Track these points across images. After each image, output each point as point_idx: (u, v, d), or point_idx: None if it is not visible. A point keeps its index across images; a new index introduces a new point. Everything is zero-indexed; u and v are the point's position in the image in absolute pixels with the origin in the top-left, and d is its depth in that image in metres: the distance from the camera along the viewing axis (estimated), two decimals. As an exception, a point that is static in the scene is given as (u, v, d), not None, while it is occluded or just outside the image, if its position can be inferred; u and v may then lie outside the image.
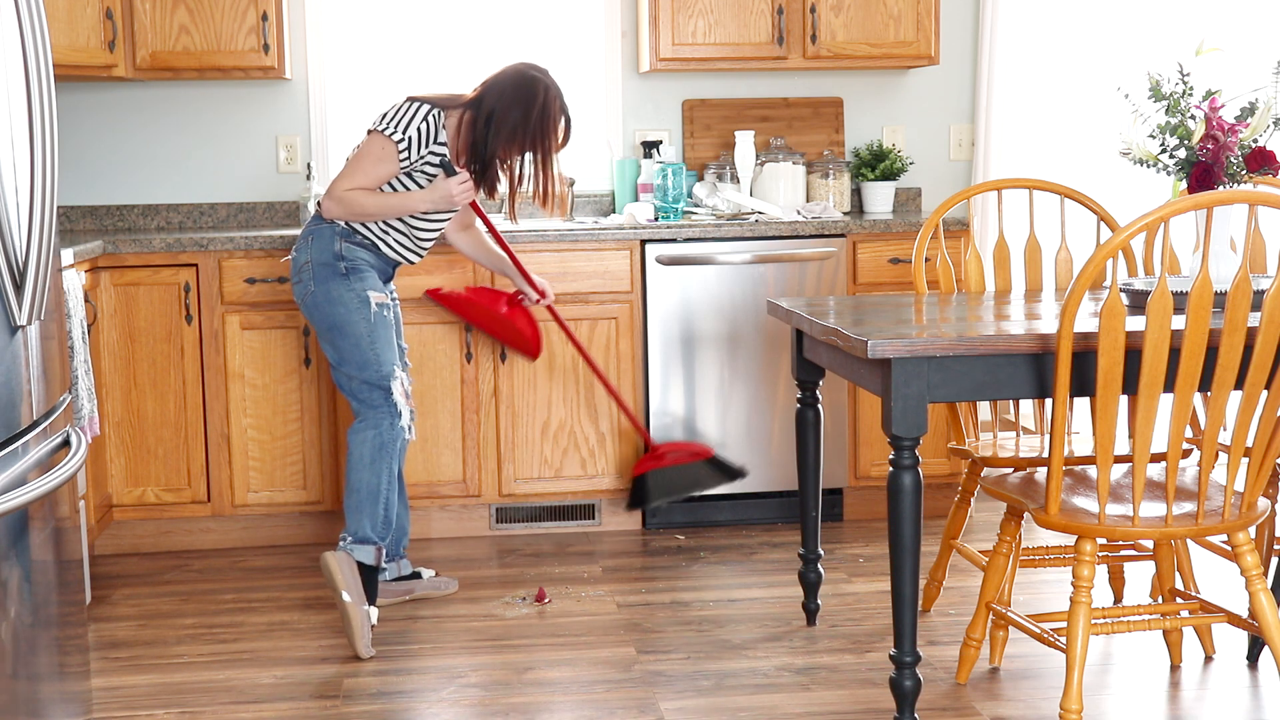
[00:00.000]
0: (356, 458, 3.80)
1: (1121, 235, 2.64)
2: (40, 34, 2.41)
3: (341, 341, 3.81)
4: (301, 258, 3.85)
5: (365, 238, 3.85)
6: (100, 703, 3.33)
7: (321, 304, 3.82)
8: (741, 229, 4.61)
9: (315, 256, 3.82)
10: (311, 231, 3.86)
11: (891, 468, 2.89)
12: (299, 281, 3.85)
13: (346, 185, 3.78)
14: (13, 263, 2.42)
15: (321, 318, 3.83)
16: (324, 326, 3.83)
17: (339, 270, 3.81)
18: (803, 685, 3.35)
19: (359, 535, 3.76)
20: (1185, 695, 3.26)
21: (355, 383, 3.83)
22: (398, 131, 3.75)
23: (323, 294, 3.82)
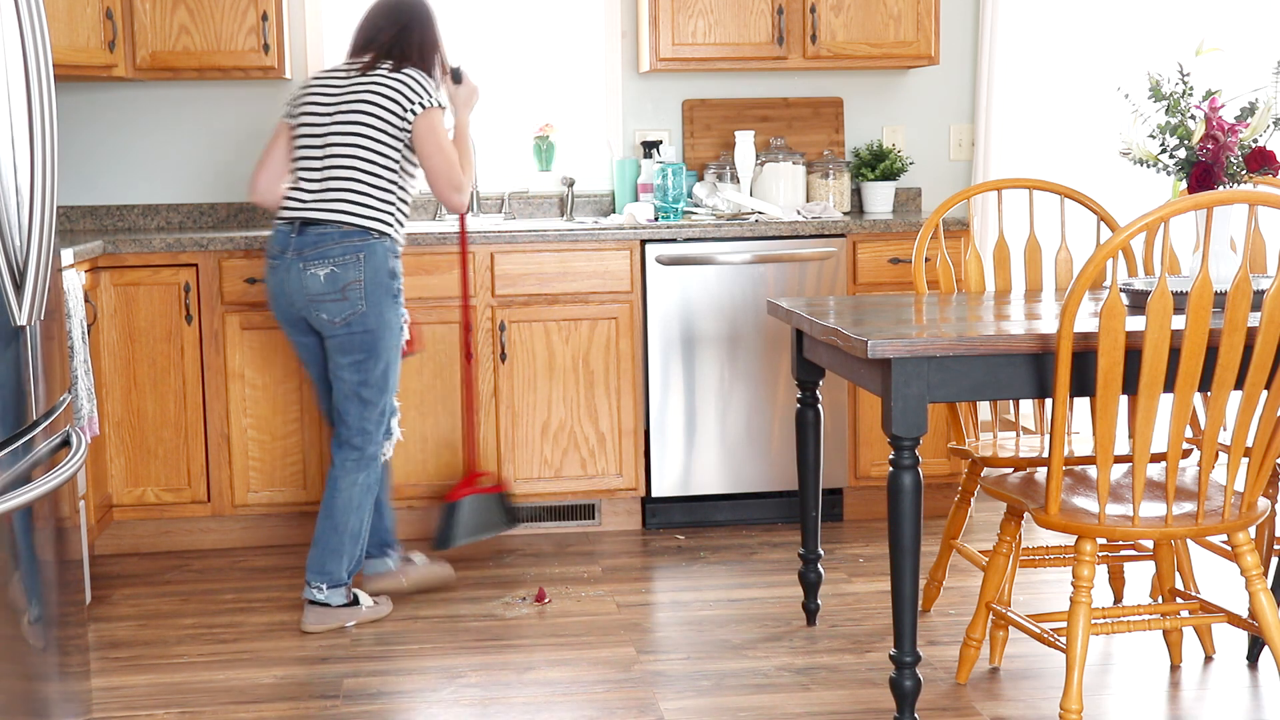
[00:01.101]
0: (345, 501, 3.79)
1: (1121, 235, 2.64)
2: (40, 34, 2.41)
3: (374, 366, 3.75)
4: (349, 275, 3.67)
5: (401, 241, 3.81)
6: (100, 703, 3.33)
7: (372, 327, 3.71)
8: (741, 229, 4.62)
9: (370, 275, 3.69)
10: (361, 248, 3.68)
11: (891, 468, 2.89)
12: (343, 300, 3.68)
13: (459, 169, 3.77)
14: (13, 263, 2.42)
15: (366, 341, 3.72)
16: (364, 351, 3.73)
17: (393, 291, 3.74)
18: (803, 685, 3.35)
19: (335, 580, 3.80)
20: (1185, 695, 3.26)
21: (369, 409, 3.78)
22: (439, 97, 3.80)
23: (375, 317, 3.72)
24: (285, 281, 3.75)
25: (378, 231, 3.73)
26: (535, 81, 5.19)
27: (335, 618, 3.80)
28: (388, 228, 3.75)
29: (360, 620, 3.83)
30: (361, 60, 3.81)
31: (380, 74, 3.76)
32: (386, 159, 3.75)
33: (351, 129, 3.74)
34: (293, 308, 3.77)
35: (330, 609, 3.80)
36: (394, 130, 3.74)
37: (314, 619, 3.79)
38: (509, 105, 5.19)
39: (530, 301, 4.57)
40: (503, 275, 4.54)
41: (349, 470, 3.80)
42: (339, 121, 3.75)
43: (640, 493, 4.68)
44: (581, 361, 4.59)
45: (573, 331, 4.59)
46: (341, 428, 3.81)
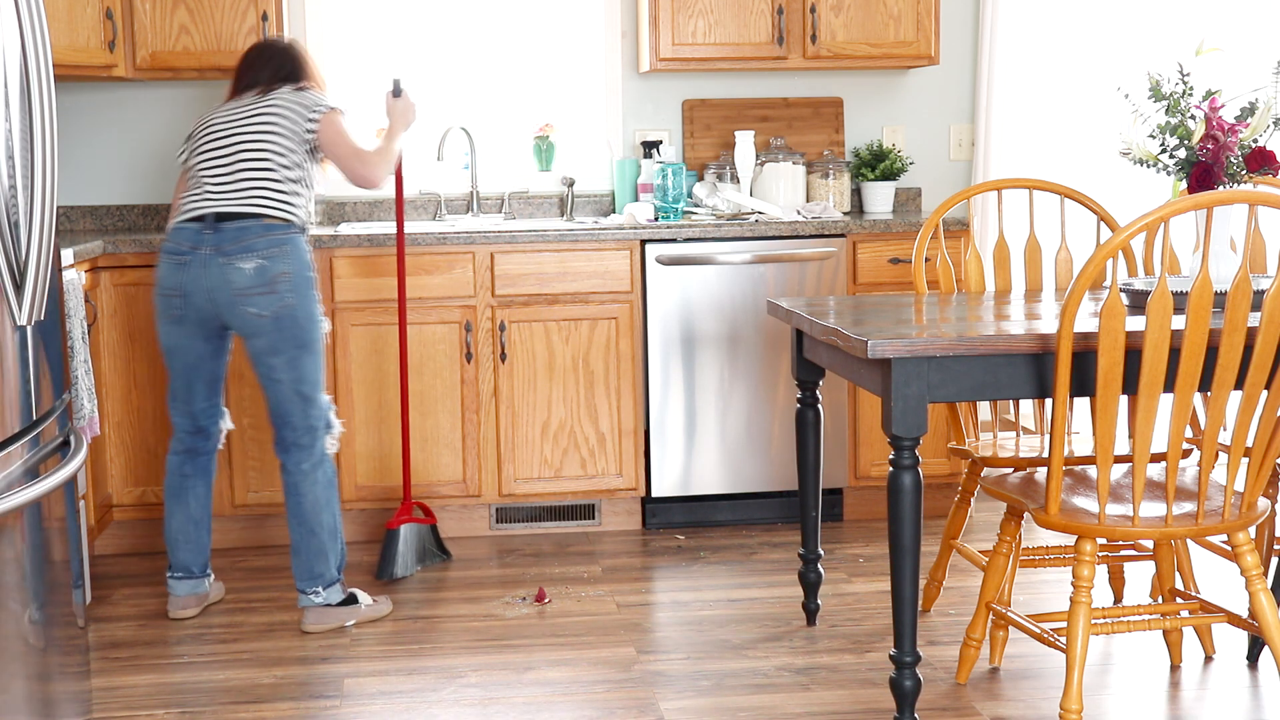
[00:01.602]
0: (312, 503, 3.78)
1: (1121, 235, 2.64)
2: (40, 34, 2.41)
3: (308, 360, 3.74)
4: (276, 268, 3.66)
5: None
6: (100, 703, 3.33)
7: (302, 320, 3.70)
8: (741, 229, 4.62)
9: (296, 268, 3.69)
10: (285, 240, 3.69)
11: (891, 468, 2.89)
12: (272, 293, 3.65)
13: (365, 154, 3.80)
14: (13, 263, 2.42)
15: (298, 334, 3.70)
16: (296, 344, 3.71)
17: (314, 282, 3.75)
18: (803, 685, 3.35)
19: (328, 580, 3.80)
20: (1185, 695, 3.26)
21: (311, 405, 3.76)
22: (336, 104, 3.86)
23: (304, 311, 3.71)
24: (201, 278, 3.68)
25: (298, 225, 3.76)
26: (535, 81, 5.19)
27: (335, 617, 3.81)
28: (304, 222, 3.79)
29: (360, 619, 3.84)
30: (253, 93, 3.86)
31: (280, 92, 3.83)
32: (293, 162, 3.77)
33: (258, 136, 3.75)
34: (211, 305, 3.70)
35: (330, 608, 3.80)
36: (298, 137, 3.77)
37: (313, 619, 3.80)
38: (509, 105, 5.19)
39: (530, 301, 4.58)
40: (503, 275, 4.54)
41: (306, 472, 3.78)
42: (244, 132, 3.76)
43: (640, 493, 4.68)
44: (581, 361, 4.60)
45: (573, 331, 4.59)
46: (286, 430, 3.77)
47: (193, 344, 3.79)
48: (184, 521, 3.92)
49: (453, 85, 5.15)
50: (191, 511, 3.92)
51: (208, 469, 3.95)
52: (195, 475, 3.92)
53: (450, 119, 5.12)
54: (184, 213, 3.75)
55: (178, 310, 3.73)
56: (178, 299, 3.72)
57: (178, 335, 3.77)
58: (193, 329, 3.76)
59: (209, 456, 3.94)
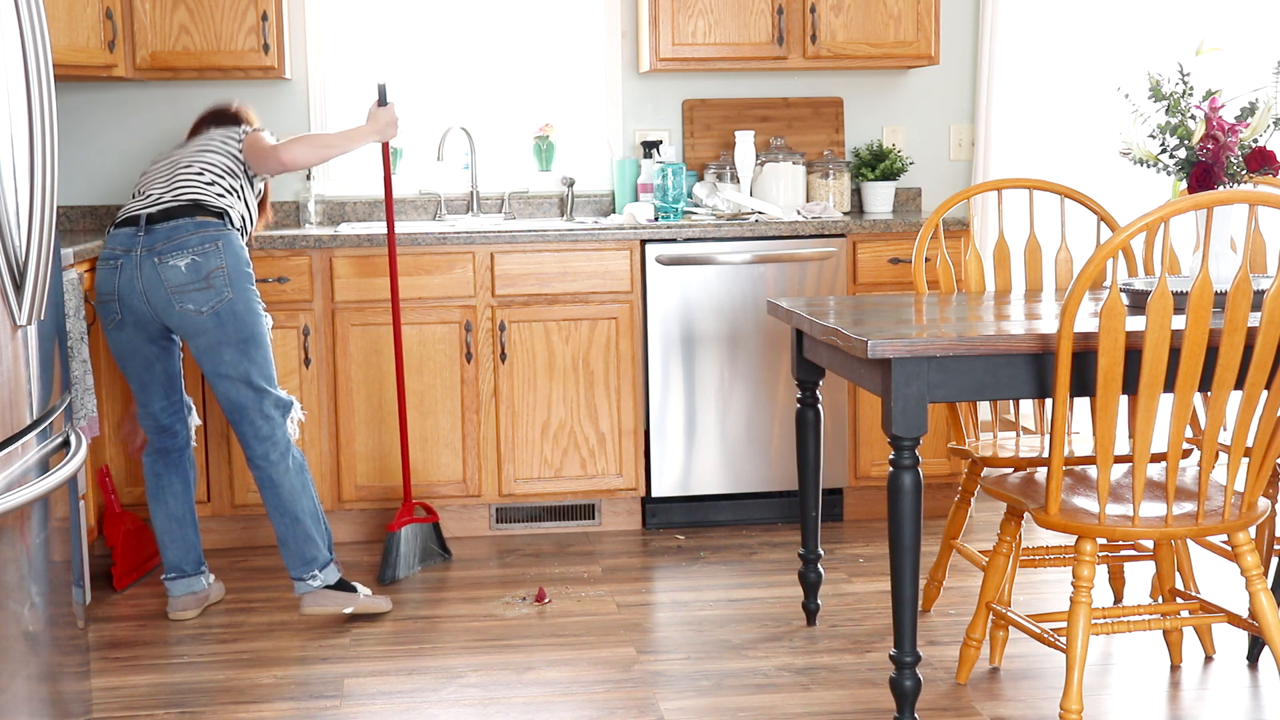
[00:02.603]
0: (288, 489, 3.78)
1: (1121, 235, 2.64)
2: (40, 34, 2.41)
3: (256, 352, 3.75)
4: (211, 263, 3.68)
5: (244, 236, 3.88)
6: (100, 703, 3.33)
7: (241, 313, 3.71)
8: (741, 229, 4.62)
9: (232, 262, 3.71)
10: (219, 236, 3.71)
11: (891, 468, 2.89)
12: (208, 288, 3.67)
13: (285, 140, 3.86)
14: (13, 263, 2.42)
15: (240, 328, 3.71)
16: (240, 338, 3.71)
17: (251, 277, 3.77)
18: (803, 685, 3.35)
19: (321, 561, 3.81)
20: (1185, 695, 3.26)
21: (265, 396, 3.76)
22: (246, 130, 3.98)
23: (243, 303, 3.72)
24: (136, 280, 3.71)
25: (230, 220, 3.78)
26: (535, 81, 5.19)
27: (333, 600, 3.80)
28: (239, 217, 3.83)
29: (359, 608, 3.82)
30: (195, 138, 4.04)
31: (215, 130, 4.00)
32: (229, 170, 3.87)
33: (194, 156, 3.88)
34: (147, 307, 3.72)
35: (328, 591, 3.80)
36: (231, 157, 3.90)
37: (311, 602, 3.80)
38: (509, 105, 5.19)
39: (530, 301, 4.58)
40: (503, 275, 4.54)
41: (275, 462, 3.78)
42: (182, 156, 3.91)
43: (640, 493, 4.68)
44: (581, 361, 4.60)
45: (573, 331, 4.59)
46: (245, 425, 3.77)
47: (139, 347, 3.82)
48: (166, 520, 3.94)
49: (453, 85, 5.15)
50: (172, 510, 3.94)
51: (180, 465, 3.96)
52: (168, 473, 3.95)
53: (450, 119, 5.12)
54: (118, 218, 3.81)
55: (116, 315, 3.78)
56: (114, 304, 3.76)
57: (122, 341, 3.81)
58: (134, 332, 3.79)
59: (179, 453, 3.97)
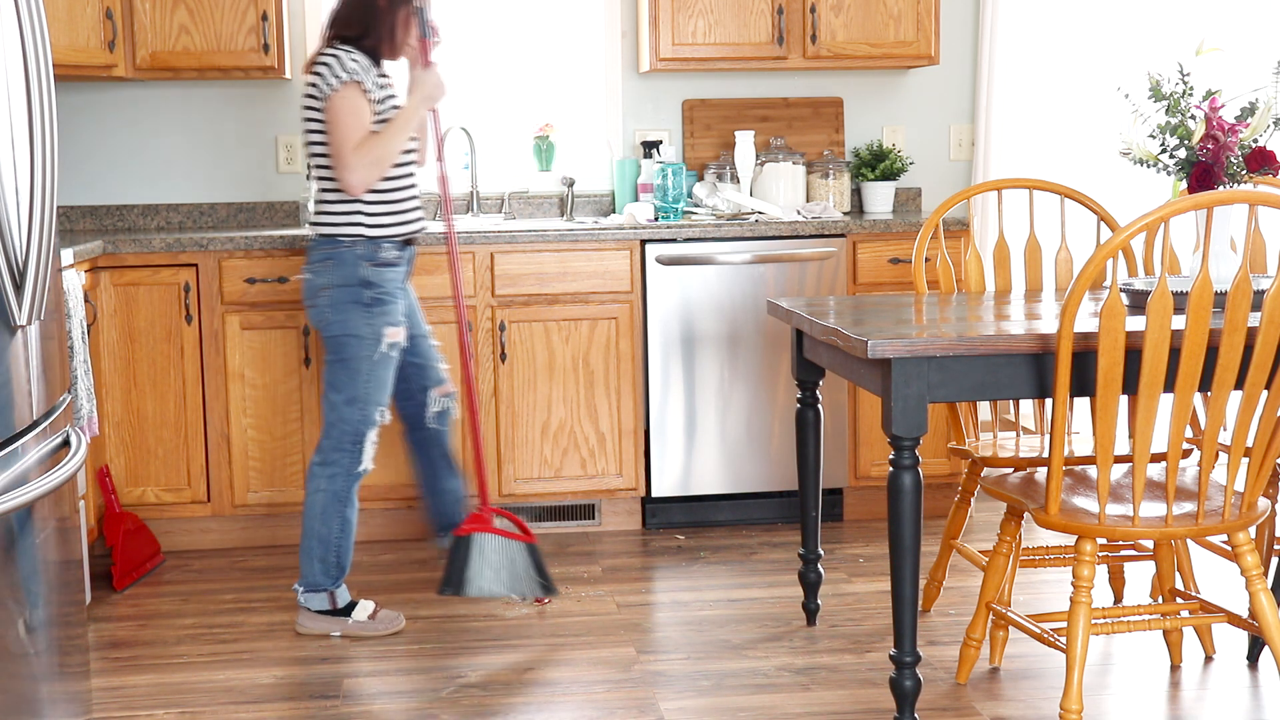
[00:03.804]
0: (310, 505, 3.75)
1: (1121, 235, 2.64)
2: (40, 34, 2.41)
3: (343, 374, 3.69)
4: (320, 281, 3.67)
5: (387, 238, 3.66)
6: (100, 703, 3.33)
7: (336, 334, 3.68)
8: (741, 229, 4.61)
9: (336, 282, 3.65)
10: (331, 255, 3.65)
11: (891, 468, 2.89)
12: (314, 305, 3.69)
13: (349, 149, 3.55)
14: (13, 263, 2.42)
15: (334, 346, 3.70)
16: (333, 355, 3.71)
17: (363, 300, 3.65)
18: (803, 685, 3.35)
19: (308, 582, 3.77)
20: (1185, 695, 3.26)
21: (332, 411, 3.73)
22: (345, 74, 3.57)
23: (339, 325, 3.67)
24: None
25: (347, 238, 3.66)
26: (535, 81, 5.19)
27: (318, 624, 3.76)
28: (356, 231, 3.66)
29: (348, 632, 3.75)
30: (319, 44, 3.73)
31: (314, 62, 3.64)
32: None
33: (306, 136, 3.72)
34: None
35: (311, 613, 3.76)
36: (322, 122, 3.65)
37: (303, 620, 3.79)
38: (509, 105, 5.19)
39: (530, 301, 4.57)
40: (503, 275, 4.54)
41: (314, 475, 3.74)
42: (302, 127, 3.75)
43: (640, 493, 4.68)
44: (581, 361, 4.60)
45: (573, 331, 4.59)
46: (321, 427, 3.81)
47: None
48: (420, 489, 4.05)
49: (453, 85, 5.15)
50: (418, 482, 4.05)
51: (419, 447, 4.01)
52: (411, 450, 4.04)
53: (450, 119, 5.12)
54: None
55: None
56: None
57: None
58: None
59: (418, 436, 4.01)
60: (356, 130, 3.57)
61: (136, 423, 4.48)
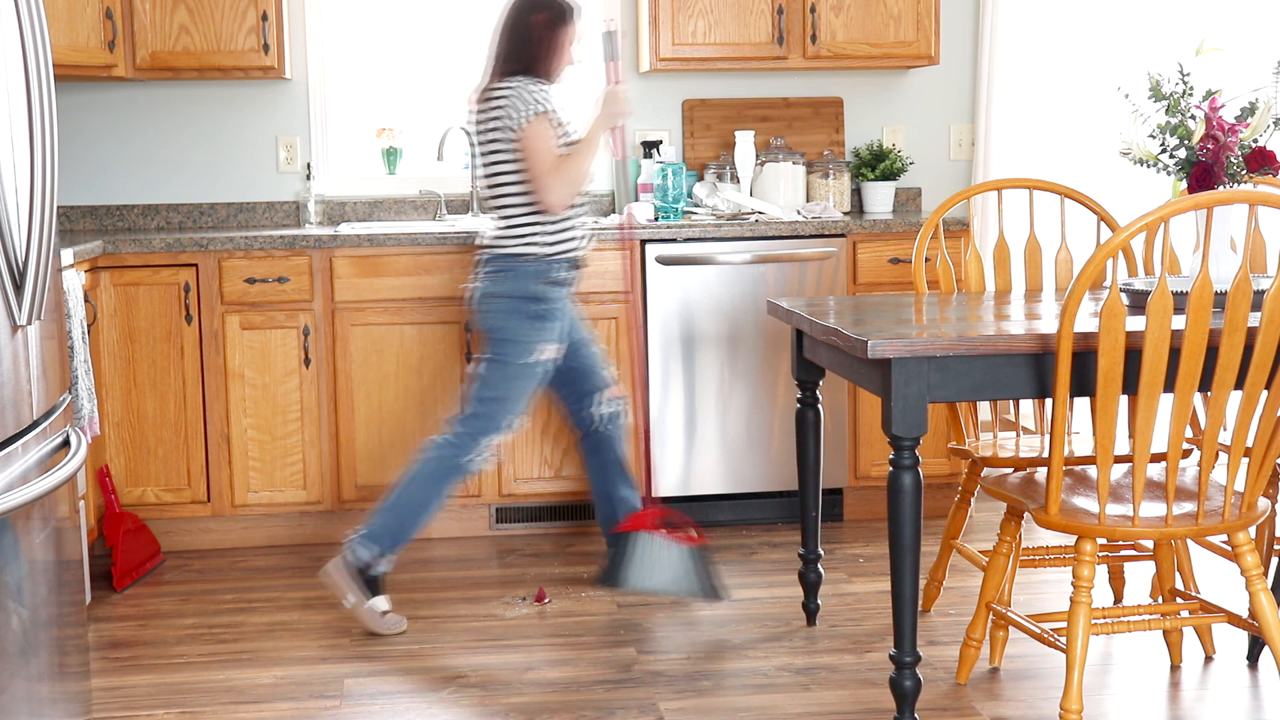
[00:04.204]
0: (415, 470, 3.81)
1: (1121, 235, 2.64)
2: (40, 34, 2.41)
3: (494, 372, 3.83)
4: (494, 289, 3.82)
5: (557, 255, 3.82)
6: (100, 703, 3.33)
7: (499, 336, 3.83)
8: (741, 229, 4.61)
9: (509, 292, 3.81)
10: (507, 269, 3.82)
11: (891, 468, 2.89)
12: (484, 311, 3.84)
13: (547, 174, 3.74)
14: (13, 263, 2.42)
15: (493, 346, 3.85)
16: (490, 353, 3.85)
17: (532, 313, 3.82)
18: (803, 685, 3.35)
19: (367, 535, 3.78)
20: (1185, 695, 3.26)
21: (473, 404, 3.85)
22: (534, 106, 3.74)
23: (504, 329, 3.82)
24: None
25: (524, 257, 3.81)
26: (535, 81, 5.18)
27: (343, 583, 3.78)
28: (532, 250, 3.81)
29: (357, 611, 3.76)
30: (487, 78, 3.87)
31: (492, 97, 3.80)
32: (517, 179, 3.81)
33: (486, 159, 3.85)
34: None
35: (344, 569, 3.78)
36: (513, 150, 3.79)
37: (333, 568, 3.81)
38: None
39: (530, 301, 4.57)
40: (503, 275, 4.54)
41: (432, 444, 3.84)
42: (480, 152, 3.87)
43: (640, 493, 4.67)
44: (581, 361, 4.59)
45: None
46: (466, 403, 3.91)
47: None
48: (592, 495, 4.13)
49: (453, 85, 5.15)
50: (590, 489, 4.13)
51: (592, 451, 4.09)
52: (585, 456, 4.13)
53: (450, 119, 5.12)
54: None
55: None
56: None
57: None
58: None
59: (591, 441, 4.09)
60: (550, 156, 3.76)
61: (136, 423, 4.48)
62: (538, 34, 3.82)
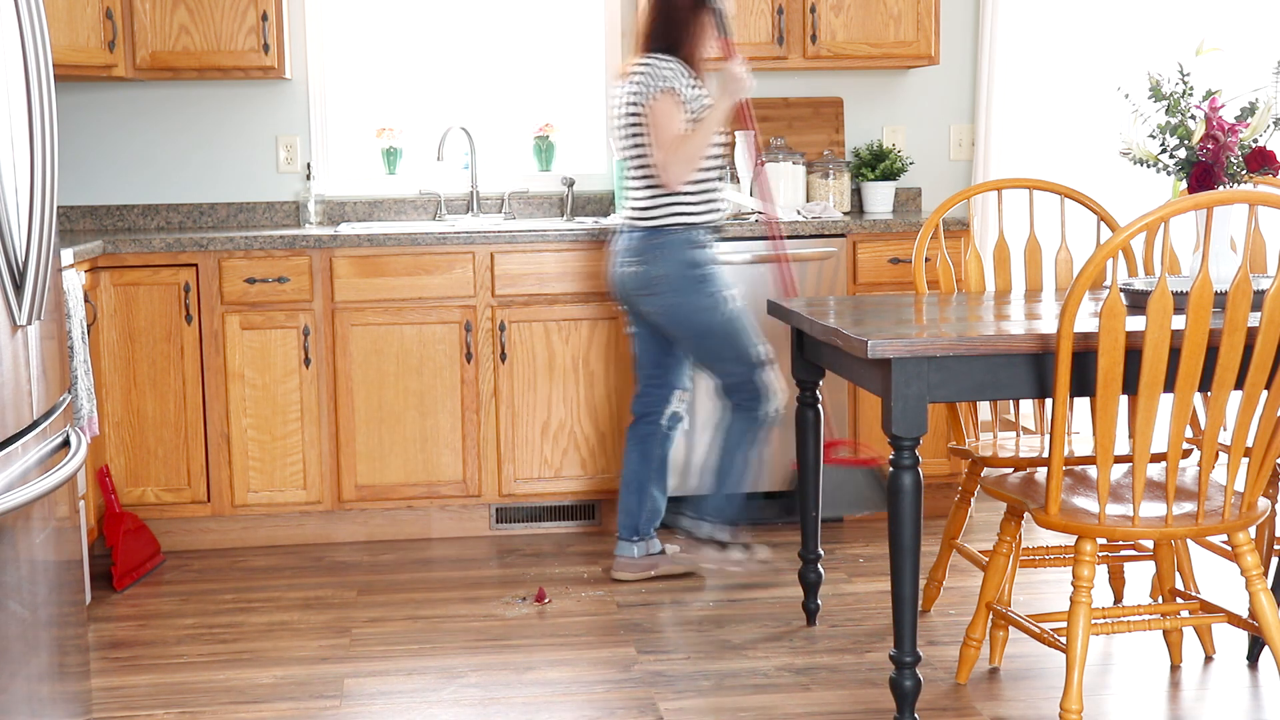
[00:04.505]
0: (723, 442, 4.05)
1: (1121, 235, 2.64)
2: (40, 34, 2.41)
3: (713, 343, 3.97)
4: (655, 270, 3.94)
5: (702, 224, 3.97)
6: (100, 703, 3.33)
7: (689, 314, 3.96)
8: (741, 229, 4.61)
9: (672, 269, 3.94)
10: (658, 245, 3.94)
11: (891, 468, 2.89)
12: (654, 294, 3.96)
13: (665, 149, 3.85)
14: (13, 263, 2.42)
15: (689, 327, 3.97)
16: (692, 334, 3.97)
17: (695, 279, 3.95)
18: (803, 685, 3.35)
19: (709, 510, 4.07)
20: (1185, 695, 3.26)
21: (733, 377, 3.99)
22: (661, 82, 3.87)
23: (688, 306, 3.96)
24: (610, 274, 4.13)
25: (673, 227, 3.95)
26: (535, 81, 5.19)
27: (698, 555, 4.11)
28: (679, 220, 3.95)
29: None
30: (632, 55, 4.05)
31: (631, 73, 3.96)
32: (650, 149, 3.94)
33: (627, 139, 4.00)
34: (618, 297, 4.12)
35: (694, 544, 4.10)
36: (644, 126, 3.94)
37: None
38: (509, 105, 5.19)
39: (530, 301, 4.58)
40: (503, 275, 4.54)
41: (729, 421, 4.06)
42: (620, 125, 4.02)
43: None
44: (581, 361, 4.60)
45: (573, 331, 4.59)
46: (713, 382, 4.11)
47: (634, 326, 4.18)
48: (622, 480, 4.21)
49: (453, 85, 5.16)
50: (623, 473, 4.21)
51: (642, 439, 4.19)
52: (631, 442, 4.20)
53: (450, 119, 5.12)
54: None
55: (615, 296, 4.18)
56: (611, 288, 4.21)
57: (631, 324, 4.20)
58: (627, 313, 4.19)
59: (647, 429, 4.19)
60: (670, 132, 3.88)
61: (136, 423, 4.48)
62: (682, 15, 3.95)
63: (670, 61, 3.91)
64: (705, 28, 3.97)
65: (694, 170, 3.91)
